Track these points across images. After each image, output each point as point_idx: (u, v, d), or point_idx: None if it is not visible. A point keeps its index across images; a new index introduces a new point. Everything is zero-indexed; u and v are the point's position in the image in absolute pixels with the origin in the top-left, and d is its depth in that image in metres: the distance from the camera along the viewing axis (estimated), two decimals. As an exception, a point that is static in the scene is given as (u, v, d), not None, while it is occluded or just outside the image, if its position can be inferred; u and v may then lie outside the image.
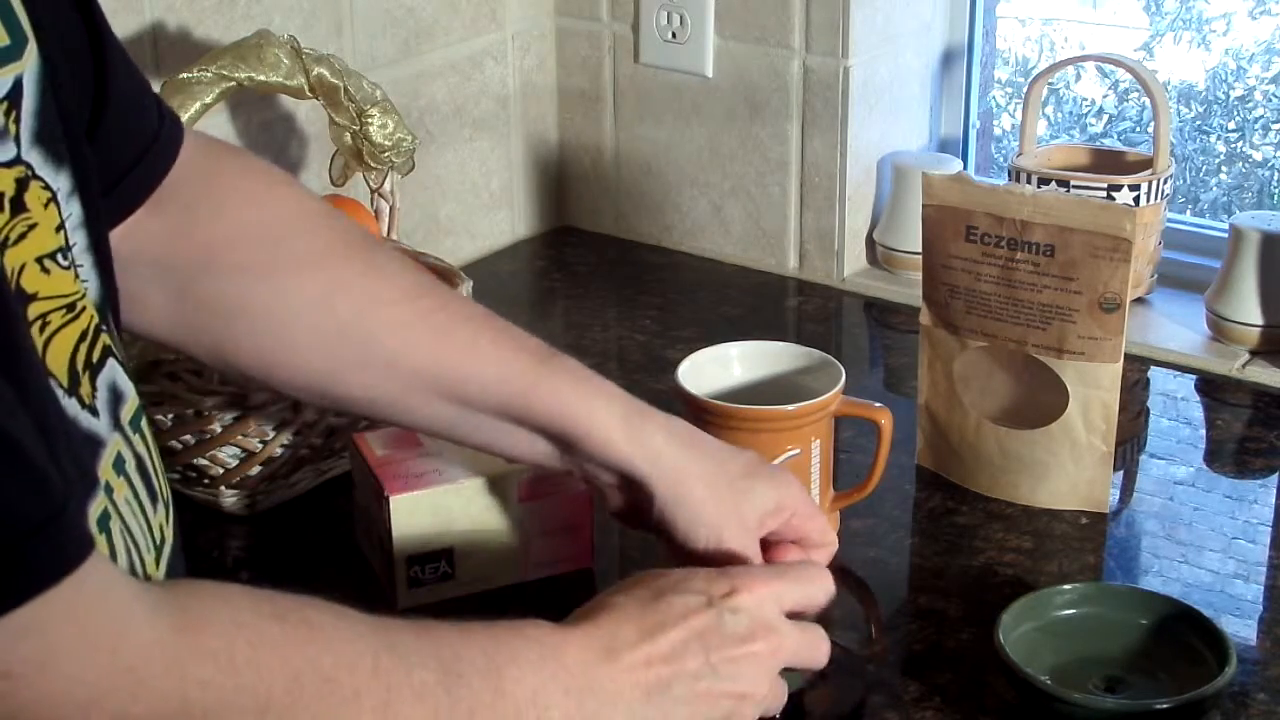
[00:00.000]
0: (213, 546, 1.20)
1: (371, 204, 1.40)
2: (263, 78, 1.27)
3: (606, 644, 0.81)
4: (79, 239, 0.75)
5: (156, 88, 1.26)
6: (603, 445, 0.95)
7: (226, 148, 0.99)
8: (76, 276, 0.73)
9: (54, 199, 0.72)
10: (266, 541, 1.21)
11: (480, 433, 0.97)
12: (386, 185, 1.40)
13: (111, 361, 0.75)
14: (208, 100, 1.25)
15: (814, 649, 0.88)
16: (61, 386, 0.70)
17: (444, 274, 1.32)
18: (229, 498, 1.22)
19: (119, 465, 0.74)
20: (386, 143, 1.34)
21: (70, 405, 0.71)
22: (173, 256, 0.91)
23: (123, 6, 1.34)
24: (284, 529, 1.22)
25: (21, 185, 0.68)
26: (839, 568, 1.19)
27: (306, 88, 1.29)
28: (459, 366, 0.94)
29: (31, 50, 0.71)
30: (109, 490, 0.72)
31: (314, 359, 0.94)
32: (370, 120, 1.33)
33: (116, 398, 0.75)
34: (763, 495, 0.96)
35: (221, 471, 1.21)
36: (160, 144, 0.88)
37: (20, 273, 0.68)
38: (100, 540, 0.69)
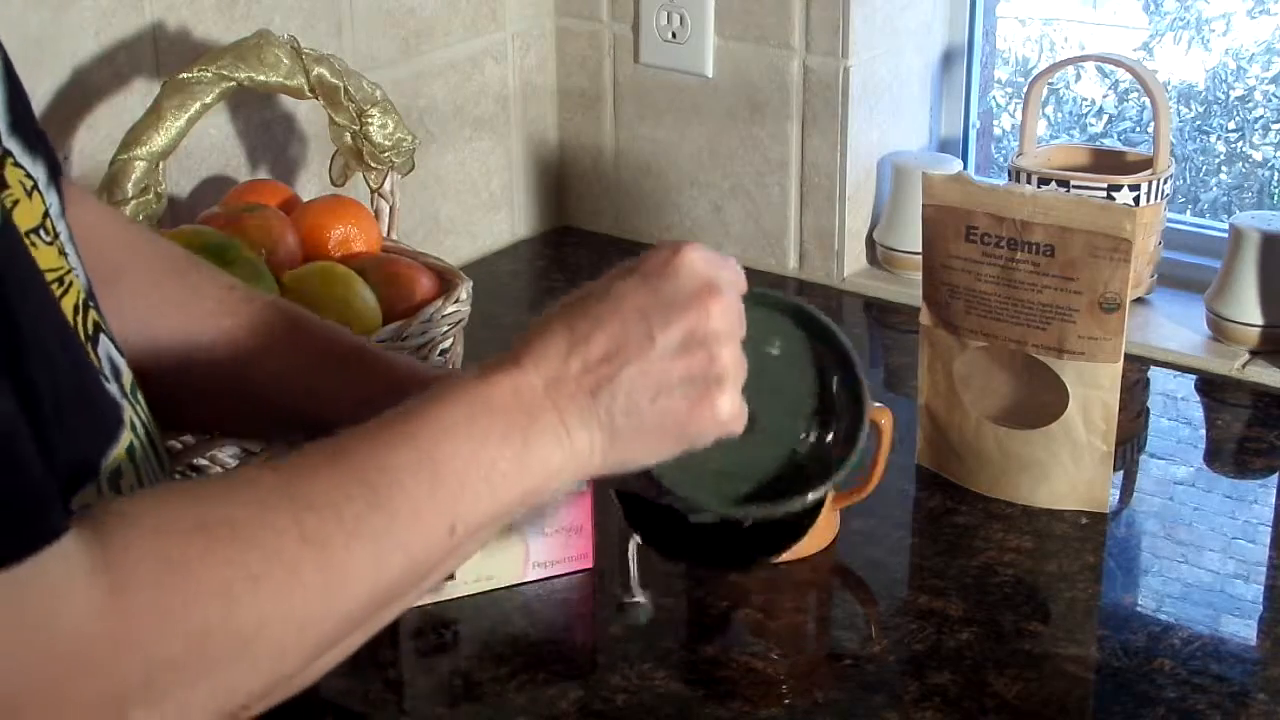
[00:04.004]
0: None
1: (371, 204, 1.40)
2: (263, 78, 1.27)
3: (535, 366, 0.73)
4: (62, 229, 0.75)
5: (156, 88, 1.27)
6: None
7: None
8: (61, 253, 0.73)
9: (36, 187, 0.73)
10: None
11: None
12: (386, 185, 1.40)
13: (103, 336, 0.76)
14: (208, 100, 1.25)
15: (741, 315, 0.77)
16: None
17: (444, 274, 1.32)
18: (229, 498, 1.22)
19: (133, 428, 0.75)
20: (386, 143, 1.34)
21: None
22: None
23: (123, 6, 1.34)
24: (284, 529, 1.22)
25: None
26: (839, 567, 1.19)
27: (306, 88, 1.29)
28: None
29: None
30: (131, 450, 0.73)
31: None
32: (370, 120, 1.33)
33: (115, 368, 0.76)
34: None
35: (221, 471, 1.21)
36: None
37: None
38: (111, 496, 0.70)
